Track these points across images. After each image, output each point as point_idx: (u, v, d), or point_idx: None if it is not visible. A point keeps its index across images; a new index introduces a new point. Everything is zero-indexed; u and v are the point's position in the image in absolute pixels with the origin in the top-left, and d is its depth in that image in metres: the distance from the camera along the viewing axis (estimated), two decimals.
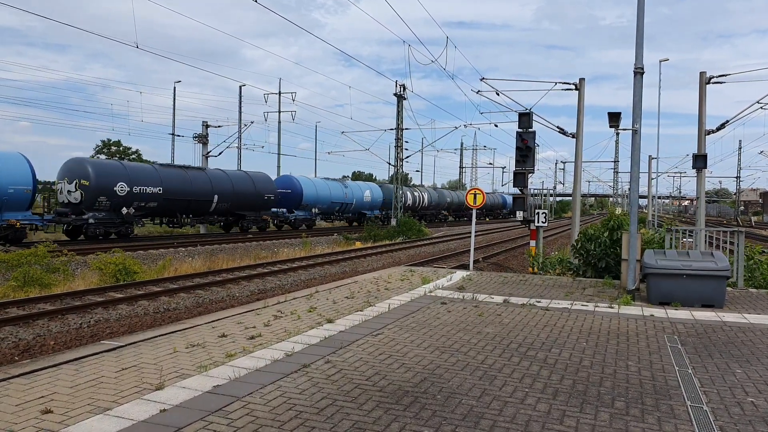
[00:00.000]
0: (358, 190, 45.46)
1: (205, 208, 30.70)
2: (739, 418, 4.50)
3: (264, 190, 34.32)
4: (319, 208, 39.95)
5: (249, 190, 33.13)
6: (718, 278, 9.17)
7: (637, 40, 10.11)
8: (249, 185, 33.38)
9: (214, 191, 30.75)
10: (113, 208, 25.56)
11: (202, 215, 31.11)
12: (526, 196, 16.58)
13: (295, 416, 4.31)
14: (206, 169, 32.39)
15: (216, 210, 31.35)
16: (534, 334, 7.22)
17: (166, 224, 30.29)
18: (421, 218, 53.72)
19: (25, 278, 14.14)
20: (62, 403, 4.53)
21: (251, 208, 33.71)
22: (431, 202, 57.59)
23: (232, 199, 31.86)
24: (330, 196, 41.14)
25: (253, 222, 34.06)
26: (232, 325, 7.38)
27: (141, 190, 26.57)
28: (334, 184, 42.84)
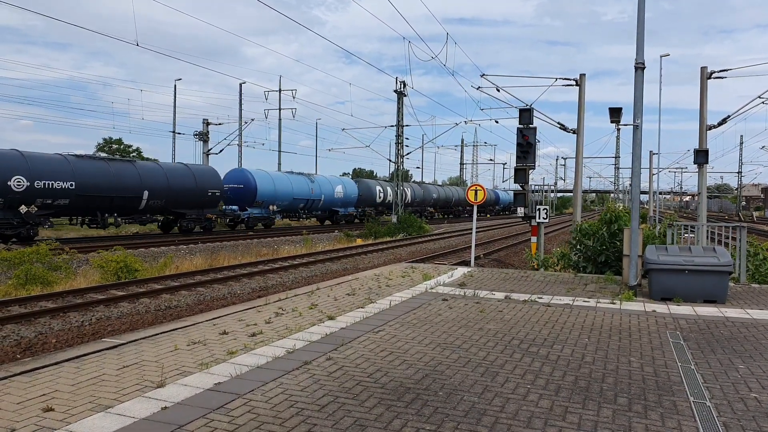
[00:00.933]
0: (327, 186, 41.07)
1: (133, 205, 26.71)
2: (743, 413, 4.48)
3: (207, 185, 30.28)
4: (278, 205, 35.86)
5: (188, 186, 29.06)
6: (720, 273, 9.15)
7: (638, 36, 10.07)
8: (188, 180, 29.30)
9: (144, 186, 26.67)
10: (7, 206, 21.88)
11: (130, 214, 27.19)
12: (527, 192, 16.55)
13: (297, 413, 4.30)
14: (135, 162, 28.41)
15: (147, 208, 27.39)
16: (536, 330, 7.21)
17: (87, 224, 26.04)
18: None
19: (27, 276, 14.14)
20: (63, 401, 4.53)
21: (192, 205, 29.67)
22: (415, 198, 54.37)
23: (167, 196, 27.86)
24: (292, 192, 36.81)
25: (194, 221, 30.11)
26: (233, 323, 7.38)
27: (46, 185, 22.75)
28: (298, 179, 38.49)
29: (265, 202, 34.80)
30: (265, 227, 35.82)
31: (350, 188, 44.21)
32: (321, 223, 44.00)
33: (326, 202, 40.77)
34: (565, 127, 20.52)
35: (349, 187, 44.25)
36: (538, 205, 16.63)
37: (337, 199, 41.95)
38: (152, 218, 29.20)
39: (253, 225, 34.64)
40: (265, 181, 34.96)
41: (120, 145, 60.35)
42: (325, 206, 41.15)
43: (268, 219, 35.66)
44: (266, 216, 35.39)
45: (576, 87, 19.71)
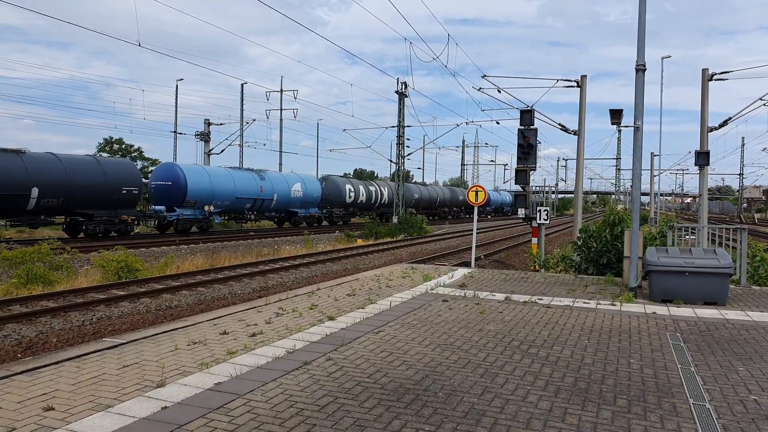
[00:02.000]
0: (281, 184, 36.40)
1: (19, 205, 22.42)
2: (742, 416, 4.49)
3: (121, 182, 25.88)
4: (217, 206, 31.54)
5: (96, 182, 24.74)
6: (720, 275, 9.14)
7: (639, 37, 10.08)
8: (96, 175, 24.88)
9: (33, 182, 22.50)
10: None
11: (17, 215, 23.00)
12: (528, 193, 16.55)
13: (297, 413, 4.31)
14: (24, 152, 23.16)
15: (40, 208, 23.22)
16: (536, 331, 7.21)
17: None
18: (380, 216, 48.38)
19: (29, 275, 14.16)
20: (64, 400, 4.54)
21: (102, 205, 25.24)
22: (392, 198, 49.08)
23: (65, 194, 23.65)
24: (234, 190, 32.32)
25: (105, 224, 25.70)
26: (233, 323, 7.39)
27: None
28: (243, 175, 33.93)
29: (198, 201, 30.22)
30: (201, 231, 31.26)
31: (311, 187, 39.57)
32: (279, 225, 40.01)
33: (281, 203, 36.25)
34: (566, 128, 20.53)
35: (311, 185, 39.56)
36: (539, 207, 16.63)
37: (294, 198, 37.47)
38: (48, 220, 24.92)
39: (184, 228, 30.01)
40: (198, 177, 30.45)
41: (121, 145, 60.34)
42: (280, 207, 36.62)
43: (203, 221, 31.09)
44: (200, 218, 30.79)
45: (577, 88, 19.72)
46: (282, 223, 39.68)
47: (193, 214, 30.37)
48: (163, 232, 30.11)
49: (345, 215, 44.20)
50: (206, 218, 31.20)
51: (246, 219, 35.38)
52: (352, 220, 46.43)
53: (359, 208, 45.63)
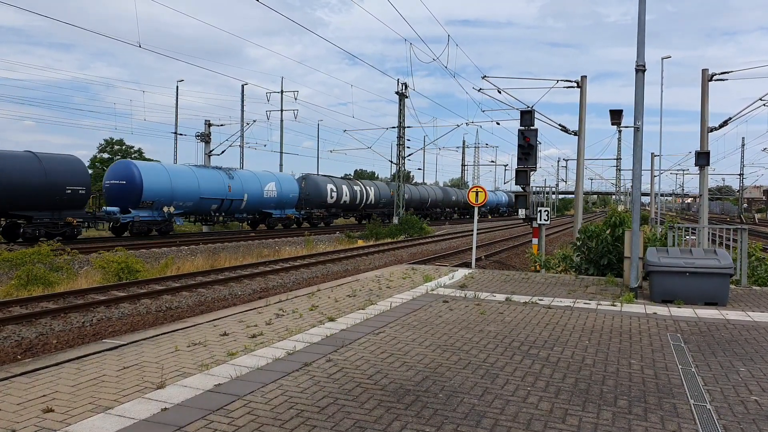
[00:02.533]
0: (253, 183, 33.49)
1: None
2: (743, 416, 4.48)
3: (65, 181, 23.36)
4: (178, 206, 28.59)
5: (34, 180, 22.26)
6: (721, 276, 9.13)
7: (639, 38, 10.07)
8: (35, 173, 22.36)
9: None
10: None
11: None
12: (528, 193, 16.54)
13: (297, 415, 4.30)
14: None
15: None
16: (536, 332, 7.20)
17: None
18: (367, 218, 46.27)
19: (29, 277, 14.17)
20: (64, 401, 4.53)
21: (42, 206, 22.79)
22: (380, 198, 47.43)
23: None
24: (198, 190, 29.45)
25: (47, 226, 23.07)
26: (233, 324, 7.38)
27: None
28: (209, 174, 31.05)
29: (156, 202, 27.47)
30: (161, 234, 28.29)
31: (287, 186, 36.42)
32: (253, 227, 36.67)
33: (252, 203, 33.50)
34: (567, 128, 20.52)
35: (286, 184, 36.49)
36: (540, 207, 16.63)
37: (268, 199, 34.58)
38: None
39: (140, 231, 27.06)
40: (156, 176, 27.68)
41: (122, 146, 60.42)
42: (252, 208, 33.89)
43: (162, 224, 28.17)
44: (159, 220, 27.89)
45: (577, 89, 19.71)
46: (255, 225, 36.73)
47: (150, 216, 27.47)
48: (119, 235, 27.83)
49: (327, 216, 41.27)
50: (166, 220, 28.28)
51: (213, 221, 32.50)
52: (335, 221, 43.95)
53: (343, 208, 42.80)
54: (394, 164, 44.31)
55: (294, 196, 37.07)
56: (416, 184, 60.58)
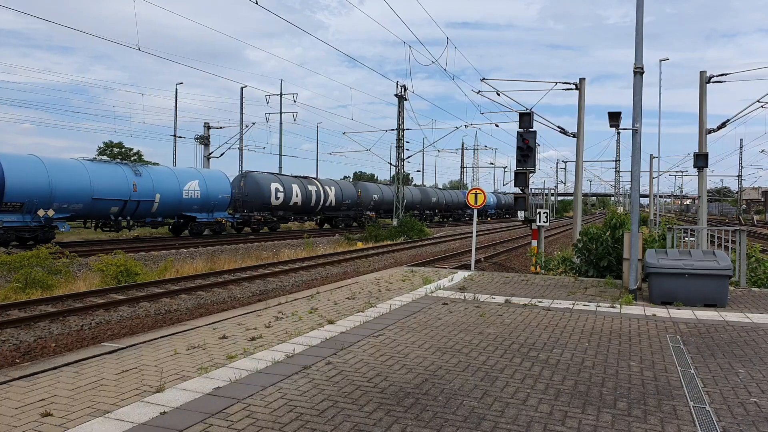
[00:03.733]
0: (168, 181, 28.36)
1: None
2: (743, 418, 4.47)
3: None
4: (62, 209, 23.35)
5: None
6: (720, 277, 9.14)
7: (637, 40, 10.09)
8: None
9: None
10: None
11: None
12: (527, 195, 16.55)
13: (296, 418, 4.29)
14: None
15: None
16: (536, 334, 7.20)
17: None
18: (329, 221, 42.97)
19: (27, 280, 14.15)
20: (62, 405, 4.52)
21: None
22: (343, 200, 42.43)
23: None
24: (90, 189, 24.21)
25: None
26: (232, 327, 7.37)
27: None
28: (106, 170, 25.67)
29: (28, 204, 22.17)
30: (37, 243, 21.86)
31: (215, 185, 31.12)
32: (175, 234, 31.29)
33: (168, 205, 28.22)
34: (565, 130, 20.53)
35: (214, 183, 31.16)
36: (539, 209, 16.63)
37: (189, 200, 29.29)
38: None
39: (4, 240, 21.55)
40: (27, 170, 22.34)
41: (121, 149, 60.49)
42: (167, 210, 28.53)
43: (38, 230, 22.66)
44: (33, 225, 22.51)
45: (576, 91, 19.72)
46: (179, 231, 31.20)
47: (20, 221, 22.03)
48: None
49: (271, 221, 35.64)
50: (44, 226, 22.83)
51: (117, 227, 26.64)
52: (283, 226, 39.08)
53: (294, 211, 37.70)
54: (394, 166, 44.29)
55: (225, 197, 31.63)
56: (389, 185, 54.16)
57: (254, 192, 34.21)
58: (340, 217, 43.18)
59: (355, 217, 44.81)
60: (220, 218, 31.66)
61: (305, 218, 40.39)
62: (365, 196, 45.73)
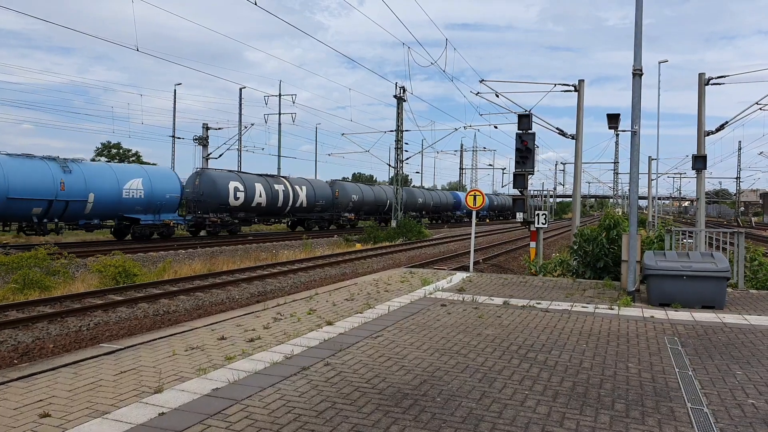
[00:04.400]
0: (105, 179, 25.48)
1: None
2: (740, 420, 4.48)
3: None
4: None
5: None
6: (718, 279, 9.15)
7: (636, 42, 10.11)
8: None
9: None
10: None
11: None
12: (526, 197, 16.57)
13: (294, 419, 4.29)
14: None
15: None
16: (534, 336, 7.21)
17: None
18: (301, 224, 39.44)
19: (25, 281, 14.13)
20: (60, 406, 4.52)
21: None
22: (316, 200, 38.89)
23: None
24: (5, 187, 21.70)
25: None
26: (231, 328, 7.37)
27: None
28: (26, 166, 22.72)
29: None
30: None
31: (162, 184, 27.84)
32: (117, 237, 28.29)
33: (103, 206, 25.32)
34: (564, 132, 20.56)
35: (161, 182, 27.86)
36: (537, 210, 16.65)
37: (131, 200, 26.43)
38: None
39: None
40: None
41: (119, 150, 60.48)
42: (104, 211, 25.67)
43: None
44: None
45: (575, 92, 19.75)
46: (122, 235, 28.16)
47: None
48: None
49: (230, 223, 32.37)
50: None
51: (42, 230, 23.60)
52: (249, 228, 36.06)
53: (258, 212, 34.36)
54: (393, 167, 44.27)
55: (173, 197, 28.41)
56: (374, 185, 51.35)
57: (210, 191, 31.02)
58: (313, 219, 39.78)
59: (331, 219, 41.64)
60: (168, 220, 28.45)
61: (273, 220, 36.80)
62: (343, 197, 42.49)
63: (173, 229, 29.20)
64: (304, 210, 38.16)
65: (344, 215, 42.94)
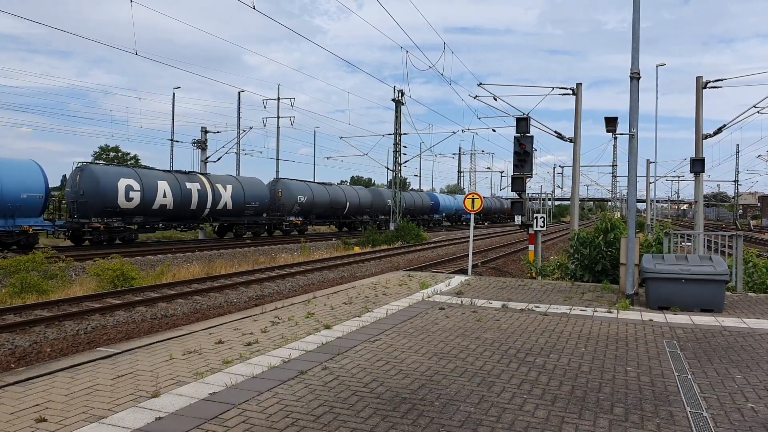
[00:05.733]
0: None
1: None
2: (739, 424, 4.47)
3: None
4: None
5: None
6: (717, 282, 9.15)
7: (633, 45, 10.12)
8: None
9: None
10: None
11: None
12: (524, 200, 16.56)
13: (292, 423, 4.27)
14: None
15: None
16: (533, 339, 7.19)
17: None
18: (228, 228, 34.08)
19: (23, 284, 14.09)
20: (57, 411, 4.50)
21: None
22: (245, 202, 33.20)
23: None
24: None
25: None
26: (229, 332, 7.35)
27: None
28: None
29: None
30: None
31: (17, 181, 22.59)
32: None
33: None
34: (562, 135, 20.58)
35: (15, 179, 22.54)
36: (536, 214, 16.64)
37: None
38: None
39: None
40: None
41: (117, 153, 60.46)
42: None
43: None
44: None
45: (573, 96, 19.77)
46: None
47: None
48: None
49: (122, 229, 26.79)
50: None
51: None
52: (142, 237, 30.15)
53: (164, 216, 28.88)
54: (391, 171, 44.27)
55: (34, 197, 23.07)
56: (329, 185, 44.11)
57: (92, 191, 25.34)
58: (244, 224, 33.97)
59: (270, 224, 36.15)
60: (28, 226, 22.74)
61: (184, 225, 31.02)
62: (287, 198, 36.66)
63: (35, 238, 23.42)
64: (230, 213, 32.82)
65: (288, 219, 36.99)
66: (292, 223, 37.65)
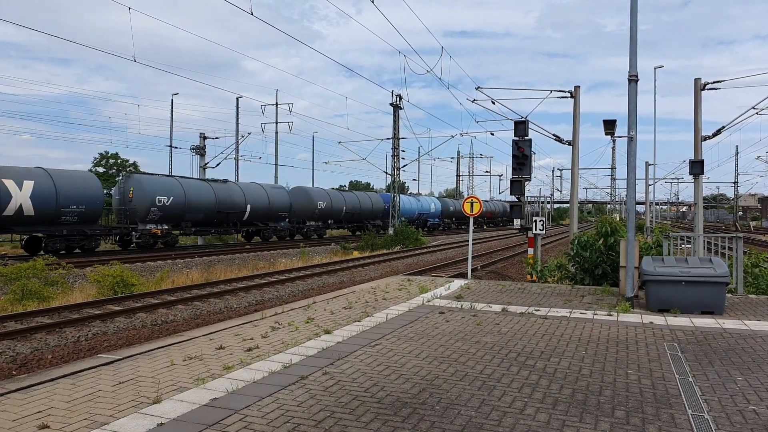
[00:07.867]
0: None
1: None
2: (741, 426, 4.47)
3: None
4: None
5: None
6: (717, 284, 9.15)
7: (631, 48, 10.16)
8: None
9: None
10: None
11: None
12: (523, 203, 16.58)
13: (293, 429, 4.27)
14: None
15: None
16: (533, 342, 7.19)
17: None
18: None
19: (24, 291, 14.09)
20: (59, 417, 4.50)
21: None
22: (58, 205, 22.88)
23: None
24: None
25: None
26: (229, 337, 7.35)
27: None
28: None
29: None
30: None
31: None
32: None
33: None
34: (560, 138, 20.61)
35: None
36: (535, 217, 16.65)
37: None
38: None
39: None
40: None
41: (117, 160, 60.46)
42: None
43: None
44: None
45: (571, 99, 19.81)
46: None
47: None
48: None
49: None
50: None
51: None
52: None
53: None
54: (389, 175, 44.30)
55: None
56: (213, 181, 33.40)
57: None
58: (57, 235, 23.66)
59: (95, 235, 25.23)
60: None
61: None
62: (140, 199, 26.96)
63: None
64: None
65: (146, 227, 27.35)
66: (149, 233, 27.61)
